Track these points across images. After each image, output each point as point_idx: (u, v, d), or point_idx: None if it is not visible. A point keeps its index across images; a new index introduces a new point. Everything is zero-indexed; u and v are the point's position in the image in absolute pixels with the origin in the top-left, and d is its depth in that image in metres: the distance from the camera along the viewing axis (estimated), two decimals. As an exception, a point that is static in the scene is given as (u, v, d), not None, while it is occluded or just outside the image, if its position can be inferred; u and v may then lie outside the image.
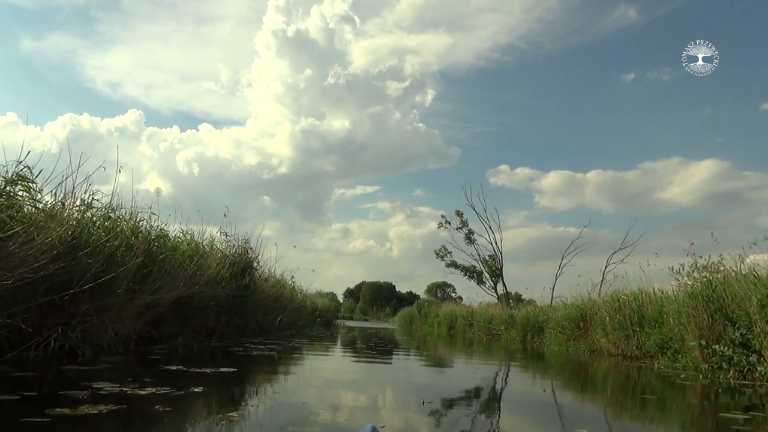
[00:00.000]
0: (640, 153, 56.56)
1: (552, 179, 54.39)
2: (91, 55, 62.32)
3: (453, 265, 27.67)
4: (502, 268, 26.09)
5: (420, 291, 62.22)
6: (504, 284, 26.08)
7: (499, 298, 26.45)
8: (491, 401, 5.12)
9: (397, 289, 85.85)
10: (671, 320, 8.62)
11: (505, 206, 63.20)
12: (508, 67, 60.02)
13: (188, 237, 9.48)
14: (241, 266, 11.60)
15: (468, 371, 8.50)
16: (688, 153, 51.27)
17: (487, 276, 26.72)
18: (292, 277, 19.84)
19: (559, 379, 7.87)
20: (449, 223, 27.27)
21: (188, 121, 71.87)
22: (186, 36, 64.04)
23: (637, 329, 9.84)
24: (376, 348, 12.11)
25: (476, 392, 5.67)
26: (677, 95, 48.93)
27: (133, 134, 55.00)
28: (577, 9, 54.58)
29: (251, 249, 12.48)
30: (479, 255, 26.79)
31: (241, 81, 65.22)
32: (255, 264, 12.54)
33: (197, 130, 62.95)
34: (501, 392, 6.03)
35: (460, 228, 26.97)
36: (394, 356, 10.30)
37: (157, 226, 7.72)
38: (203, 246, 10.08)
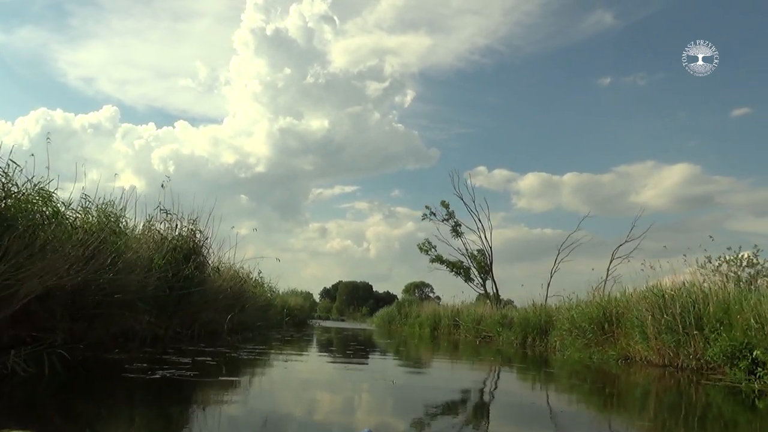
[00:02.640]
0: (616, 156, 57.61)
1: (529, 181, 54.20)
2: (63, 50, 59.93)
3: (438, 260, 25.33)
4: (491, 263, 23.88)
5: (397, 291, 61.91)
6: (494, 281, 23.88)
7: (488, 296, 24.23)
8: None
9: (374, 289, 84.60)
10: (752, 320, 6.42)
11: (483, 207, 61.94)
12: (487, 69, 59.44)
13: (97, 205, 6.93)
14: (184, 252, 9.09)
15: (488, 390, 6.20)
16: (662, 157, 52.13)
17: (476, 272, 24.46)
18: (260, 272, 17.46)
19: (598, 399, 5.62)
20: (434, 214, 24.97)
21: (164, 118, 70.42)
22: (162, 32, 61.36)
23: (695, 333, 7.65)
24: (355, 355, 9.76)
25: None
26: (652, 100, 49.74)
27: (108, 131, 52.95)
28: (555, 13, 54.37)
29: (200, 231, 10.00)
30: (467, 249, 24.59)
31: (219, 78, 63.61)
32: (205, 251, 10.05)
33: (173, 127, 61.49)
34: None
35: (446, 220, 24.69)
36: (382, 365, 7.99)
37: (35, 184, 5.15)
38: (120, 220, 7.54)
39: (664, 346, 8.28)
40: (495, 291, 23.56)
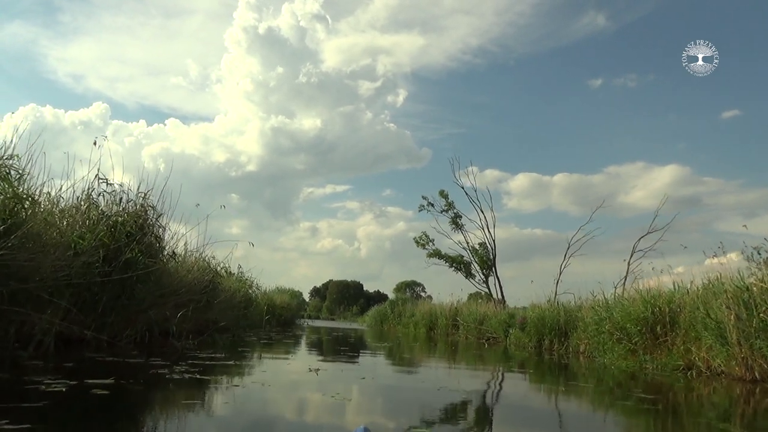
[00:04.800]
0: (606, 157, 57.57)
1: (520, 181, 54.88)
2: (53, 46, 59.56)
3: (436, 254, 23.35)
4: (495, 258, 21.90)
5: (388, 290, 62.10)
6: (497, 277, 21.92)
7: (490, 293, 22.30)
8: None
9: (365, 288, 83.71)
10: None
11: (470, 210, 61.70)
12: (479, 69, 60.69)
13: None
14: (127, 230, 7.06)
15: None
16: (652, 158, 52.64)
17: (477, 268, 22.51)
18: (240, 266, 15.44)
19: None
20: (432, 205, 22.98)
21: (154, 115, 70.57)
22: (153, 29, 61.95)
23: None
24: (348, 360, 7.78)
25: None
26: (642, 101, 50.30)
27: (99, 128, 52.05)
28: (548, 14, 55.94)
29: (152, 208, 7.96)
30: (467, 243, 22.64)
31: (211, 77, 64.79)
32: (158, 230, 8.01)
33: (164, 125, 60.30)
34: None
35: (445, 211, 22.70)
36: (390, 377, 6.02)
37: None
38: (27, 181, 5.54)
39: (753, 354, 6.37)
40: (499, 288, 21.63)
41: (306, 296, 76.14)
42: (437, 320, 23.21)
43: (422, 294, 53.00)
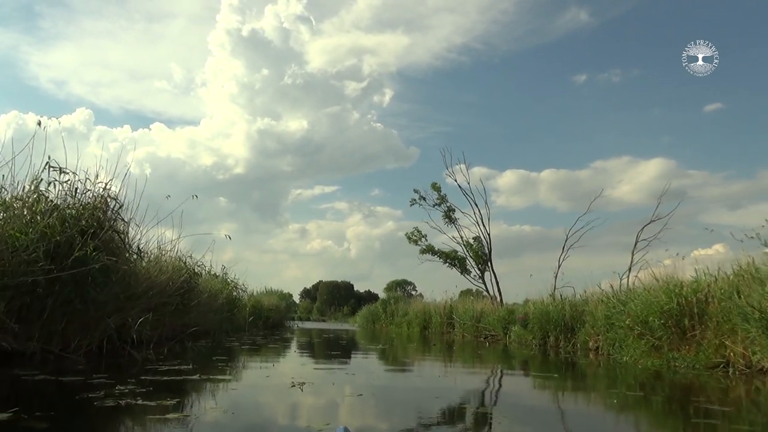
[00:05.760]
0: (592, 152, 57.39)
1: (508, 178, 54.34)
2: (34, 52, 57.34)
3: (429, 250, 22.43)
4: (490, 252, 21.04)
5: (378, 290, 61.29)
6: (493, 273, 21.01)
7: (487, 290, 21.47)
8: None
9: (355, 289, 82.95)
10: None
11: (462, 205, 61.87)
12: (464, 67, 59.33)
13: None
14: (81, 225, 6.12)
15: None
16: (637, 152, 52.19)
17: (473, 263, 21.63)
18: (223, 267, 14.51)
19: None
20: (424, 199, 22.06)
21: (139, 120, 68.68)
22: (136, 33, 60.01)
23: None
24: (340, 363, 6.84)
25: None
26: (626, 96, 50.41)
27: (82, 134, 50.65)
28: (531, 11, 55.30)
29: (113, 199, 7.00)
30: (462, 238, 21.77)
31: (195, 80, 63.23)
32: (120, 224, 7.06)
33: (149, 129, 59.85)
34: None
35: (438, 204, 21.82)
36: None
37: None
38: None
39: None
40: (495, 284, 20.79)
41: (296, 298, 75.84)
42: (431, 319, 22.43)
43: (413, 293, 52.54)
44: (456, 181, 21.16)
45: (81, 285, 5.72)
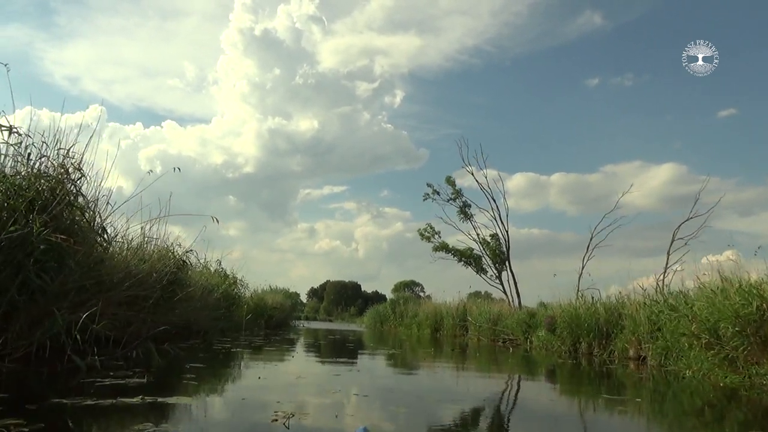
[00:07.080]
0: (603, 156, 56.91)
1: (517, 181, 52.62)
2: (49, 49, 57.77)
3: (443, 247, 21.15)
4: (509, 251, 19.72)
5: (386, 291, 61.95)
6: (512, 272, 19.67)
7: (505, 291, 20.14)
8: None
9: (362, 289, 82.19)
10: None
11: (477, 201, 61.60)
12: (476, 69, 59.07)
13: None
14: (29, 196, 4.93)
15: None
16: (649, 157, 52.04)
17: (489, 262, 20.33)
18: (219, 260, 13.37)
19: None
20: (438, 193, 20.79)
21: (151, 117, 69.32)
22: (149, 30, 60.26)
23: None
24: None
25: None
26: (639, 101, 49.26)
27: (95, 131, 49.87)
28: (544, 14, 54.46)
29: (78, 170, 5.82)
30: (478, 235, 20.48)
31: (207, 78, 63.77)
32: (80, 199, 5.87)
33: (161, 127, 61.15)
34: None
35: (453, 200, 20.54)
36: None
37: None
38: None
39: None
40: (513, 284, 19.46)
41: (303, 297, 75.34)
42: (443, 320, 21.29)
43: (421, 294, 51.65)
44: (473, 174, 19.91)
45: (21, 269, 4.51)
